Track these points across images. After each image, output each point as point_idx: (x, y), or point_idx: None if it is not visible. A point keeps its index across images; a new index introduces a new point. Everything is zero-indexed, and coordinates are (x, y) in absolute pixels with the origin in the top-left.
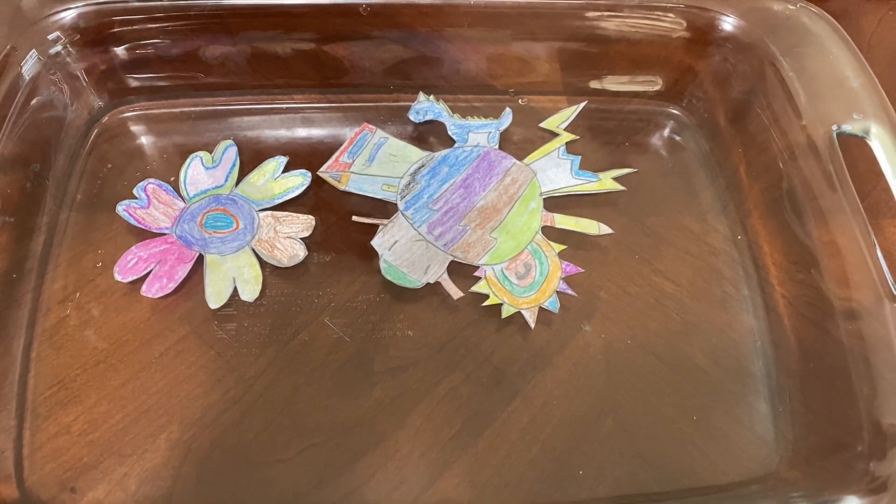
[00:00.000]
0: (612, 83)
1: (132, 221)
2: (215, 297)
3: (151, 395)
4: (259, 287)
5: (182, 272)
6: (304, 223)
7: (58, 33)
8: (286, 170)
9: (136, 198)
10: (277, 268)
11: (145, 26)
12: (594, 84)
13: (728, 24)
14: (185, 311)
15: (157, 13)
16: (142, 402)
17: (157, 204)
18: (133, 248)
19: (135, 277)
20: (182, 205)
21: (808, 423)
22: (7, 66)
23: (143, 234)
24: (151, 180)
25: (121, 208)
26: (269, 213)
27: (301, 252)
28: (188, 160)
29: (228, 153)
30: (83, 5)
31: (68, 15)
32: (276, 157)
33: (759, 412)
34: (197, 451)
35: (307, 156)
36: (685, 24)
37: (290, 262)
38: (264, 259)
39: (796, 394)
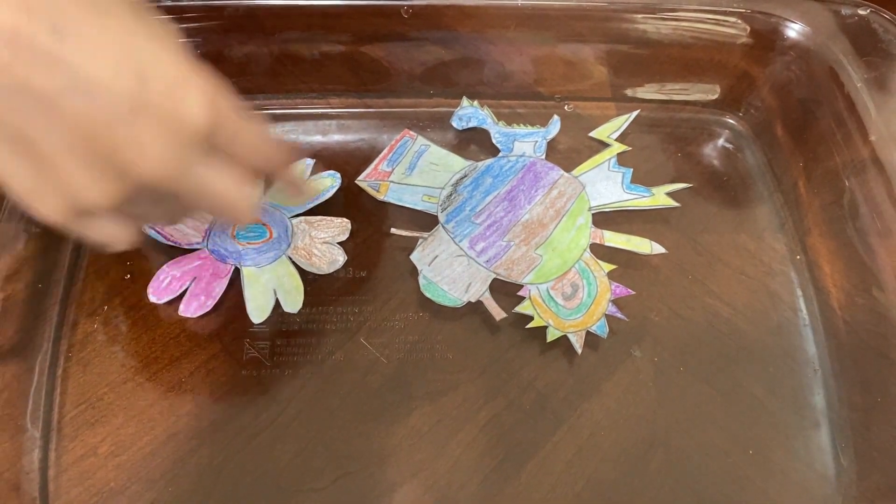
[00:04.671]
0: (667, 91)
1: (161, 239)
2: (258, 311)
3: (181, 417)
4: (301, 297)
5: (219, 288)
6: (339, 226)
7: None
8: (313, 172)
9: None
10: (311, 283)
11: (178, 26)
12: (645, 90)
13: (792, 29)
14: (216, 327)
15: (190, 13)
16: (171, 423)
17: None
18: (165, 266)
19: (171, 297)
20: (211, 217)
21: (872, 461)
22: None
23: (173, 250)
24: None
25: (147, 226)
26: (302, 218)
27: (340, 257)
28: None
29: None
30: None
31: None
32: (303, 160)
33: (819, 447)
34: (227, 477)
35: (343, 163)
36: (748, 30)
37: (331, 269)
38: (303, 267)
39: (860, 428)
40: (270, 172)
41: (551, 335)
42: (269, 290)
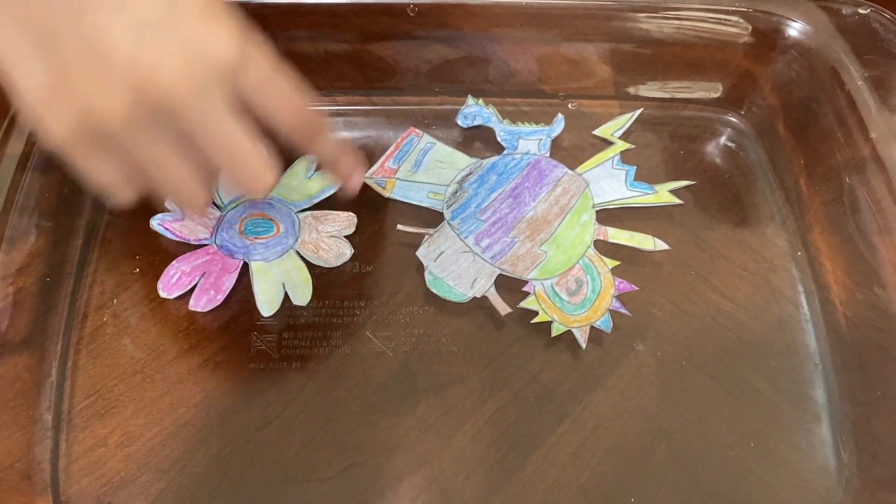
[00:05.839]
0: (670, 90)
1: (169, 235)
2: (267, 304)
3: (189, 409)
4: (310, 290)
5: (229, 283)
6: (345, 220)
7: None
8: (318, 168)
9: (169, 210)
10: (318, 277)
11: None
12: (648, 89)
13: (793, 28)
14: (224, 320)
15: None
16: (180, 415)
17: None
18: (174, 262)
19: (181, 292)
20: (218, 213)
21: (873, 454)
22: None
23: (182, 246)
24: None
25: (155, 223)
26: (309, 213)
27: (347, 250)
28: None
29: None
30: None
31: None
32: (307, 156)
33: (820, 440)
34: (236, 468)
35: None
36: (750, 29)
37: (338, 262)
38: (311, 261)
39: (861, 422)
40: (298, 140)
41: (556, 330)
42: (278, 283)
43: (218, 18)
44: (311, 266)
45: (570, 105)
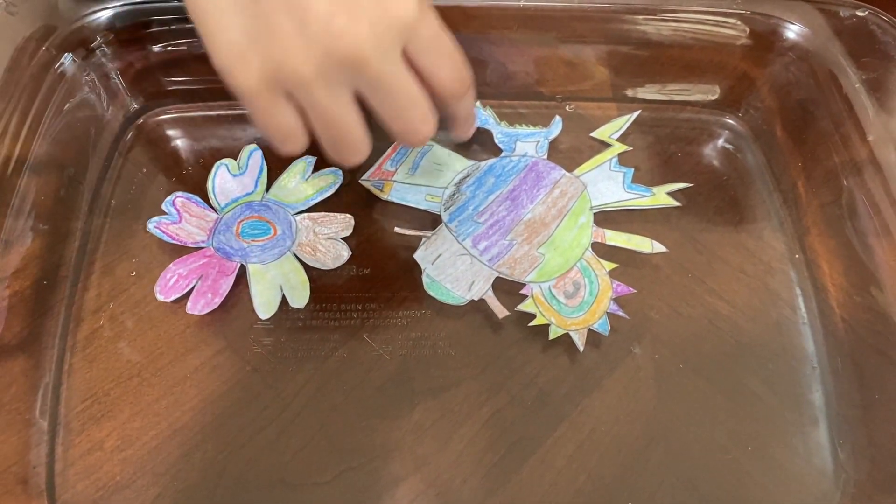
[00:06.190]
0: (668, 92)
1: (165, 238)
2: (264, 307)
3: (186, 412)
4: (307, 292)
5: (226, 285)
6: (342, 222)
7: (93, 34)
8: (315, 169)
9: (165, 213)
10: (314, 280)
11: (182, 26)
12: (646, 91)
13: (791, 31)
14: (220, 324)
15: None
16: (176, 418)
17: (189, 217)
18: (171, 265)
19: (178, 296)
20: (215, 216)
21: (870, 457)
22: (42, 68)
23: (178, 249)
24: (179, 193)
25: (151, 226)
26: (306, 215)
27: (345, 252)
28: (213, 169)
29: (254, 158)
30: (118, 5)
31: (103, 15)
32: (304, 158)
33: (817, 443)
34: (232, 472)
35: None
36: (747, 31)
37: (335, 264)
38: (308, 263)
39: (858, 425)
40: (451, 96)
41: (553, 333)
42: (276, 286)
43: None
44: (308, 268)
45: (567, 107)
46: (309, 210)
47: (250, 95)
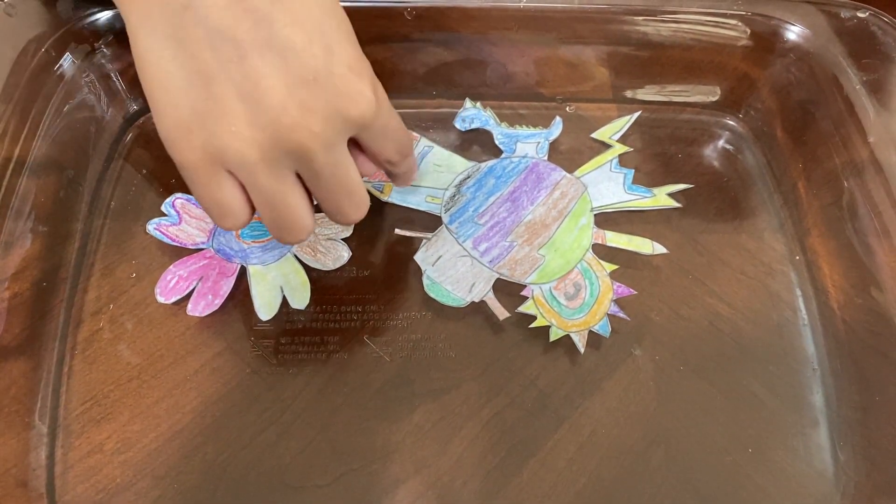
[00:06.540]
0: (668, 93)
1: (165, 240)
2: (265, 308)
3: (186, 414)
4: (308, 293)
5: (227, 287)
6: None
7: (92, 35)
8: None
9: (165, 214)
10: (314, 282)
11: None
12: (646, 92)
13: (791, 32)
14: (220, 326)
15: None
16: (176, 420)
17: (189, 219)
18: (171, 266)
19: (178, 297)
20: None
21: (871, 459)
22: (41, 69)
23: (178, 250)
24: (179, 195)
25: (151, 227)
26: None
27: (345, 253)
28: None
29: None
30: None
31: (103, 16)
32: None
33: (818, 445)
34: (232, 474)
35: None
36: (748, 32)
37: (336, 264)
38: (308, 264)
39: (858, 427)
40: (391, 165)
41: (554, 335)
42: (276, 287)
43: (362, 72)
44: (308, 269)
45: (567, 108)
46: None
47: (190, 169)
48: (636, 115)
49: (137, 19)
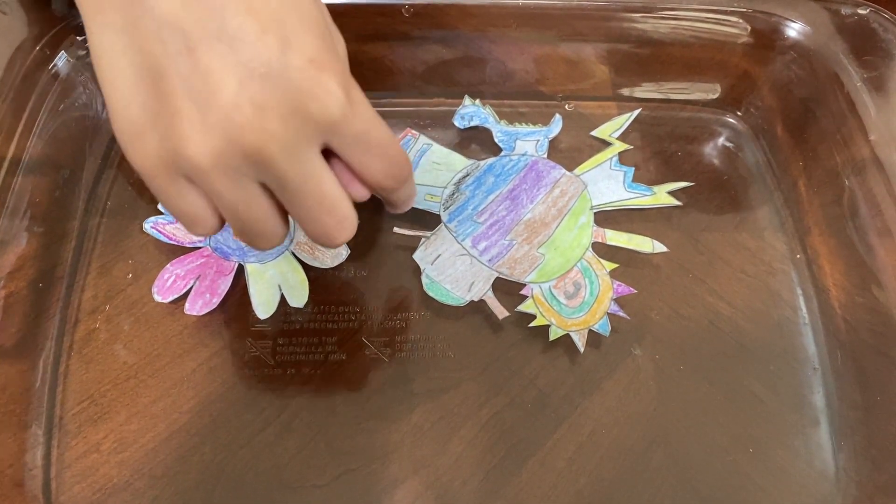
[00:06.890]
0: (668, 90)
1: (162, 238)
2: (263, 306)
3: (183, 414)
4: (306, 291)
5: (224, 285)
6: None
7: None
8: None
9: (161, 212)
10: (313, 281)
11: None
12: (646, 89)
13: (792, 29)
14: (218, 325)
15: None
16: (173, 420)
17: None
18: (168, 265)
19: (175, 296)
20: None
21: (872, 460)
22: (36, 68)
23: (175, 249)
24: None
25: (148, 226)
26: None
27: (343, 251)
28: None
29: None
30: None
31: None
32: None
33: (819, 445)
34: (230, 474)
35: None
36: (748, 29)
37: (334, 262)
38: (307, 262)
39: (860, 427)
40: (383, 190)
41: (554, 334)
42: (274, 285)
43: (326, 66)
44: (306, 268)
45: (567, 106)
46: None
47: (147, 176)
48: (636, 112)
49: (90, 12)
